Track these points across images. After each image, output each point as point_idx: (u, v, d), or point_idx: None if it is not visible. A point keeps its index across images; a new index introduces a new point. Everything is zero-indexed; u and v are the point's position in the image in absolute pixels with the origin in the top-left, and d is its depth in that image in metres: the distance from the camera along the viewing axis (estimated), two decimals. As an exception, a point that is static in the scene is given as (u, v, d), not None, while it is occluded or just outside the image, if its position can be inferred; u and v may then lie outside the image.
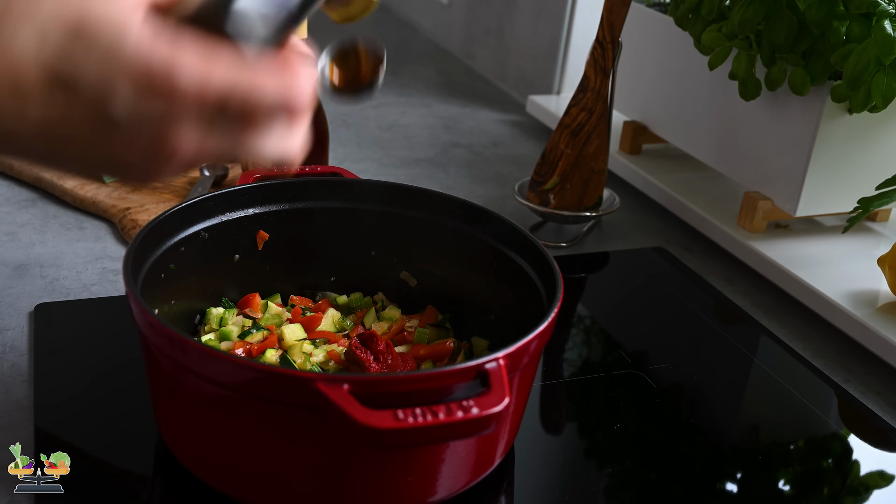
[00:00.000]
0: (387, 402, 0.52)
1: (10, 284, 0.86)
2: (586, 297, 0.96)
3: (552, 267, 0.67)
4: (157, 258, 0.68)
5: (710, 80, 1.05)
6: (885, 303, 0.89)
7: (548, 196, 1.03)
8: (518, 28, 1.55)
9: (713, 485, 0.71)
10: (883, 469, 0.74)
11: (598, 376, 0.82)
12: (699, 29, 1.00)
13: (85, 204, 1.00)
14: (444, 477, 0.60)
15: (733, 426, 0.79)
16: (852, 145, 0.95)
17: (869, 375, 0.85)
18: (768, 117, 0.99)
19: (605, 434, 0.74)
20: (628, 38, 1.12)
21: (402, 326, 0.77)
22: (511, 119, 1.44)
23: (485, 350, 0.75)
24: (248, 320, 0.76)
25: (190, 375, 0.57)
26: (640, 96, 1.19)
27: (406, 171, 1.20)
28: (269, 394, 0.54)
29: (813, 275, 0.94)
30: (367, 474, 0.58)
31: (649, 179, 1.14)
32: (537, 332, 0.59)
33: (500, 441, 0.64)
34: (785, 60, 0.91)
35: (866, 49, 0.83)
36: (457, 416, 0.50)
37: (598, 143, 1.01)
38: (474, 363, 0.54)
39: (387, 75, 1.73)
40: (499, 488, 0.67)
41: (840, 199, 0.98)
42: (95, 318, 0.82)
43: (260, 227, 0.77)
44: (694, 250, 1.07)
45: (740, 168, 1.04)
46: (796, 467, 0.74)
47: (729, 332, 0.92)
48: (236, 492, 0.61)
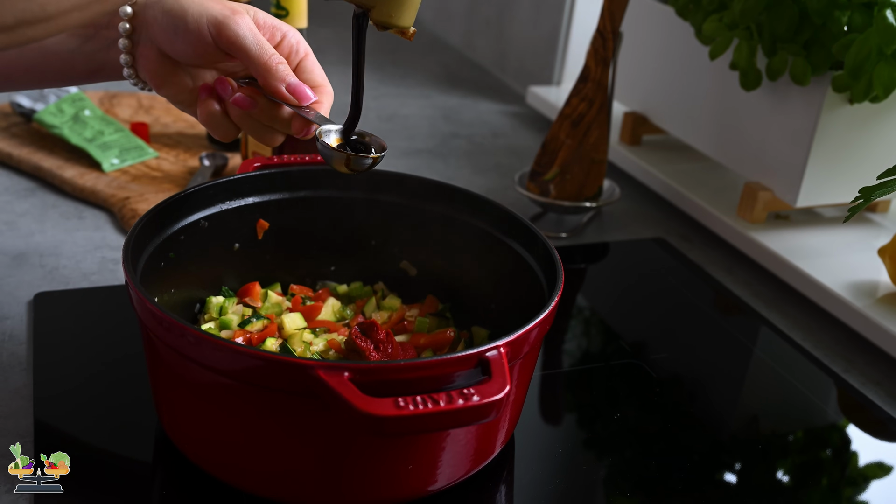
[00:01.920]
0: (387, 389, 0.52)
1: (10, 273, 0.86)
2: (586, 288, 0.96)
3: (553, 256, 0.67)
4: (157, 247, 0.68)
5: (710, 70, 1.05)
6: (885, 293, 0.89)
7: (548, 186, 1.03)
8: (518, 19, 1.54)
9: (712, 475, 0.71)
10: (882, 460, 0.74)
11: (597, 366, 0.82)
12: (700, 19, 0.99)
13: (84, 193, 1.00)
14: (444, 465, 0.60)
15: (733, 416, 0.79)
16: (853, 135, 0.95)
17: (869, 366, 0.85)
18: (769, 107, 0.99)
19: (605, 424, 0.74)
20: (629, 29, 1.12)
21: (402, 316, 0.77)
22: (511, 110, 1.44)
23: (485, 339, 0.74)
24: (248, 309, 0.76)
25: (190, 363, 0.57)
26: (641, 87, 1.19)
27: (406, 162, 1.20)
28: (269, 381, 0.54)
29: (813, 265, 0.94)
30: (367, 462, 0.58)
31: (649, 170, 1.14)
32: (538, 320, 0.59)
33: (500, 430, 0.64)
34: (786, 50, 0.91)
35: (868, 39, 0.83)
36: (458, 404, 0.50)
37: (598, 133, 1.01)
38: (475, 351, 0.54)
39: (386, 65, 1.71)
40: (499, 477, 0.67)
41: (840, 190, 0.98)
42: (95, 307, 0.82)
43: (260, 216, 0.76)
44: (694, 241, 1.06)
45: (740, 158, 1.04)
46: (795, 458, 0.74)
47: (729, 323, 0.92)
48: (236, 480, 0.61)
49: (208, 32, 0.64)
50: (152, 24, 0.65)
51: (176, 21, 0.64)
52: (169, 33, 0.64)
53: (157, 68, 0.67)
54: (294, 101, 0.65)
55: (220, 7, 0.64)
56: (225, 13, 0.64)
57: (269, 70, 0.64)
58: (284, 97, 0.65)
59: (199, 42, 0.64)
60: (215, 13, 0.64)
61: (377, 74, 1.54)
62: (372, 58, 1.63)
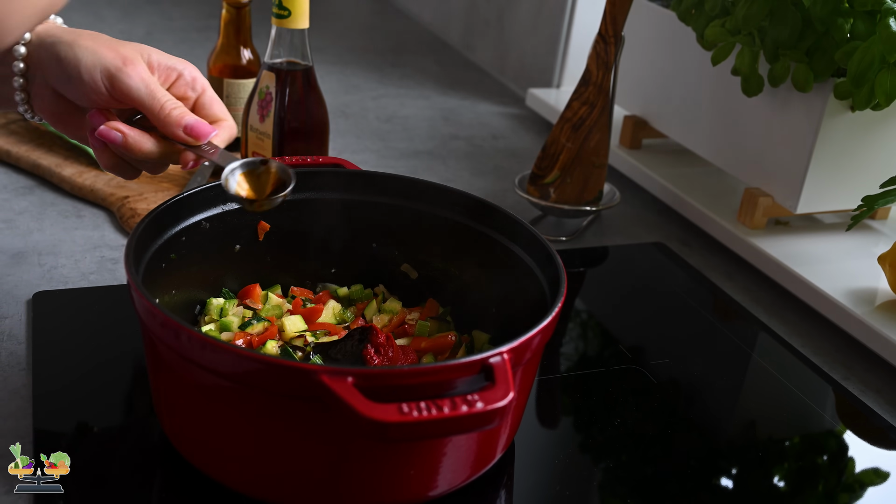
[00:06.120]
0: (391, 395, 0.51)
1: (8, 272, 0.86)
2: (585, 292, 0.96)
3: (555, 261, 0.67)
4: (158, 247, 0.68)
5: (712, 75, 1.05)
6: (885, 301, 0.90)
7: (548, 190, 1.03)
8: (518, 21, 1.54)
9: (709, 480, 0.71)
10: (878, 466, 0.74)
11: (597, 371, 0.82)
12: (702, 24, 1.00)
13: (83, 192, 1.00)
14: (445, 471, 0.60)
15: (730, 422, 0.79)
16: (854, 143, 0.95)
17: (868, 373, 0.86)
18: (770, 113, 0.99)
19: (605, 429, 0.74)
20: (630, 33, 1.12)
21: (402, 319, 0.77)
22: (510, 112, 1.44)
23: (486, 343, 0.74)
24: (249, 311, 0.75)
25: (193, 366, 0.57)
26: (641, 91, 1.19)
27: (405, 163, 1.20)
28: (272, 385, 0.54)
29: (813, 272, 0.94)
30: (368, 467, 0.58)
31: (649, 174, 1.14)
32: (542, 325, 0.59)
33: (501, 436, 0.64)
34: (788, 57, 0.91)
35: (870, 46, 0.83)
36: (461, 411, 0.50)
37: (599, 137, 1.01)
38: (479, 357, 0.54)
39: (386, 66, 1.72)
40: (499, 482, 0.67)
41: (841, 197, 0.98)
42: (94, 306, 0.82)
43: (261, 218, 0.76)
44: (693, 246, 1.07)
45: (741, 164, 1.04)
46: (792, 464, 0.74)
47: (728, 328, 0.92)
48: (236, 482, 0.61)
49: (102, 84, 0.65)
50: (46, 68, 0.66)
51: (69, 71, 0.65)
52: (62, 81, 0.66)
53: (52, 108, 0.69)
54: (193, 141, 0.67)
55: (112, 56, 0.65)
56: (117, 64, 0.65)
57: (163, 118, 0.66)
58: (184, 139, 0.67)
59: (93, 91, 0.66)
60: (108, 64, 0.65)
61: (376, 75, 1.54)
62: (372, 58, 1.63)
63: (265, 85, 0.96)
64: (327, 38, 1.70)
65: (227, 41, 1.10)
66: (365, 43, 1.73)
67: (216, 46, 1.11)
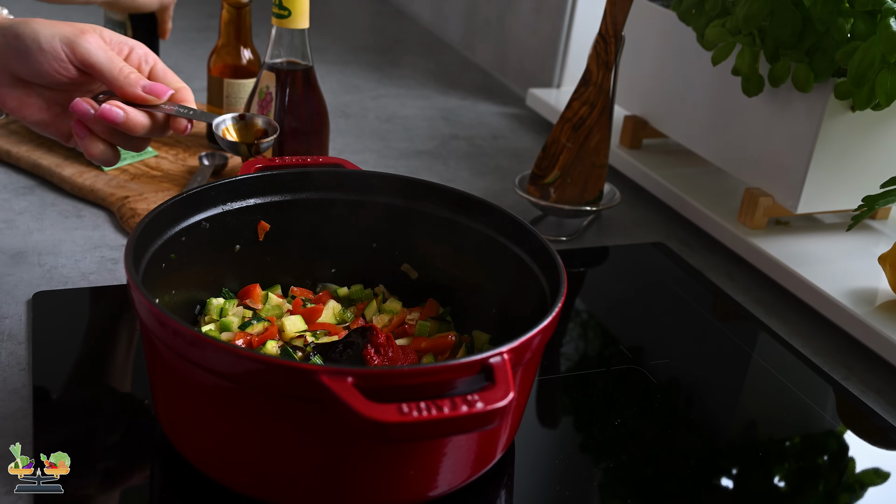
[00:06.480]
0: (391, 395, 0.51)
1: (8, 272, 0.86)
2: (585, 292, 0.96)
3: (555, 261, 0.67)
4: (158, 247, 0.68)
5: (712, 75, 1.05)
6: (885, 301, 0.89)
7: (548, 190, 1.03)
8: (518, 20, 1.54)
9: (709, 480, 0.71)
10: (878, 466, 0.74)
11: (597, 371, 0.82)
12: (702, 24, 1.00)
13: (83, 192, 1.00)
14: (445, 471, 0.60)
15: (730, 422, 0.79)
16: (855, 143, 0.95)
17: (869, 373, 0.86)
18: (770, 113, 0.99)
19: (605, 429, 0.74)
20: (631, 33, 1.11)
21: (402, 319, 0.77)
22: (511, 112, 1.44)
23: (486, 344, 0.74)
24: (249, 311, 0.75)
25: (192, 366, 0.57)
26: (642, 91, 1.19)
27: (405, 163, 1.20)
28: (271, 386, 0.54)
29: (813, 272, 0.94)
30: (368, 467, 0.58)
31: (649, 174, 1.14)
32: (542, 326, 0.59)
33: (501, 436, 0.63)
34: (789, 57, 0.91)
35: (871, 46, 0.83)
36: (461, 411, 0.50)
37: (599, 137, 1.01)
38: (479, 357, 0.54)
39: (386, 66, 1.72)
40: (499, 483, 0.66)
41: (841, 197, 0.98)
42: (94, 307, 0.82)
43: (261, 218, 0.76)
44: (694, 246, 1.07)
45: (741, 164, 1.04)
46: (792, 464, 0.74)
47: (728, 328, 0.92)
48: (236, 482, 0.61)
49: (62, 51, 0.69)
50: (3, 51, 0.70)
51: (29, 44, 0.69)
52: (22, 56, 0.69)
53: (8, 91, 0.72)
54: (153, 99, 0.71)
55: (69, 28, 0.70)
56: (75, 32, 0.70)
57: (122, 79, 0.71)
58: (144, 99, 0.71)
59: (55, 59, 0.70)
60: (66, 33, 0.70)
61: (376, 75, 1.54)
62: (371, 58, 1.63)
63: (265, 85, 0.96)
64: (327, 38, 1.70)
65: (227, 41, 1.10)
66: (365, 43, 1.73)
67: (216, 46, 1.11)
